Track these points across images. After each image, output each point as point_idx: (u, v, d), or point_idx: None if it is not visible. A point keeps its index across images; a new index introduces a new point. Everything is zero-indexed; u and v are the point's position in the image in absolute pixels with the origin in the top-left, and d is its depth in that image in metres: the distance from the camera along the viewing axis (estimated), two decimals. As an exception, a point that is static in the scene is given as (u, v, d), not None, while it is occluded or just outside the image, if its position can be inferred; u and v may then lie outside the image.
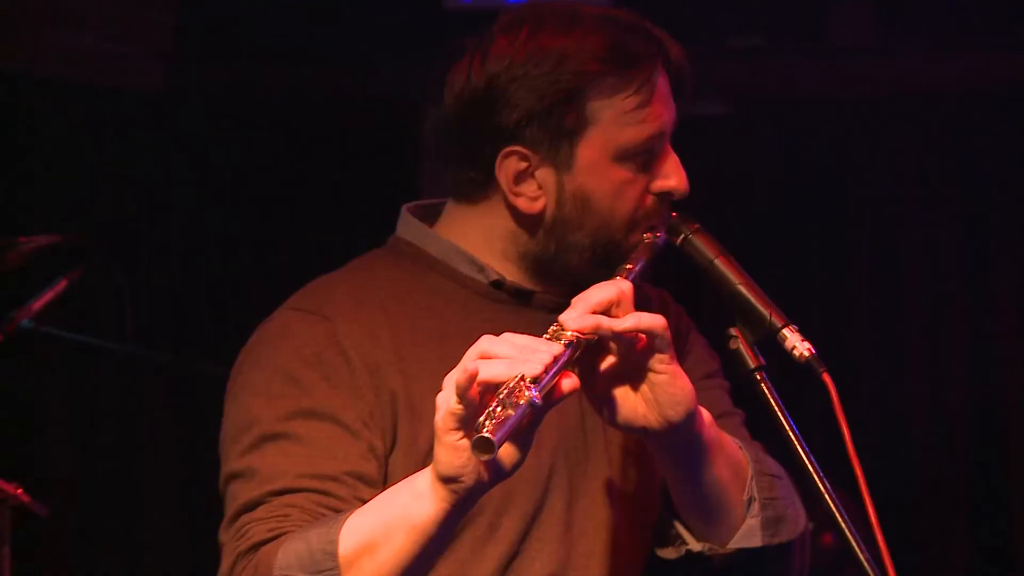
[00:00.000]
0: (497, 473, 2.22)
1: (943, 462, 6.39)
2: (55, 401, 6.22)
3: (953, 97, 6.33)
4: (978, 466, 6.43)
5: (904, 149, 6.43)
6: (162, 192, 6.40)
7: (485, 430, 2.13)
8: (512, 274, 2.61)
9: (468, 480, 2.21)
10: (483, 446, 2.13)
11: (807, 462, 2.41)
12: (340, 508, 2.41)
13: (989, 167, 6.38)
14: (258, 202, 6.37)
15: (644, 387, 2.37)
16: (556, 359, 2.23)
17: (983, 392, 6.39)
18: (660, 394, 2.37)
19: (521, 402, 2.15)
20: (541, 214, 2.56)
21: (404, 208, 2.71)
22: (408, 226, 2.69)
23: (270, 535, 2.39)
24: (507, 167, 2.54)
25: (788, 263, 6.08)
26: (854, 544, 2.36)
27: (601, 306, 2.34)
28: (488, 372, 2.18)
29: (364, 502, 2.40)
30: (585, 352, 2.32)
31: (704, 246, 2.55)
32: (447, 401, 2.18)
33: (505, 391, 2.16)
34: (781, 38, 6.28)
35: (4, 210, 5.61)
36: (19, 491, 4.79)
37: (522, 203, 2.55)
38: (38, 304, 4.93)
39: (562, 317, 2.32)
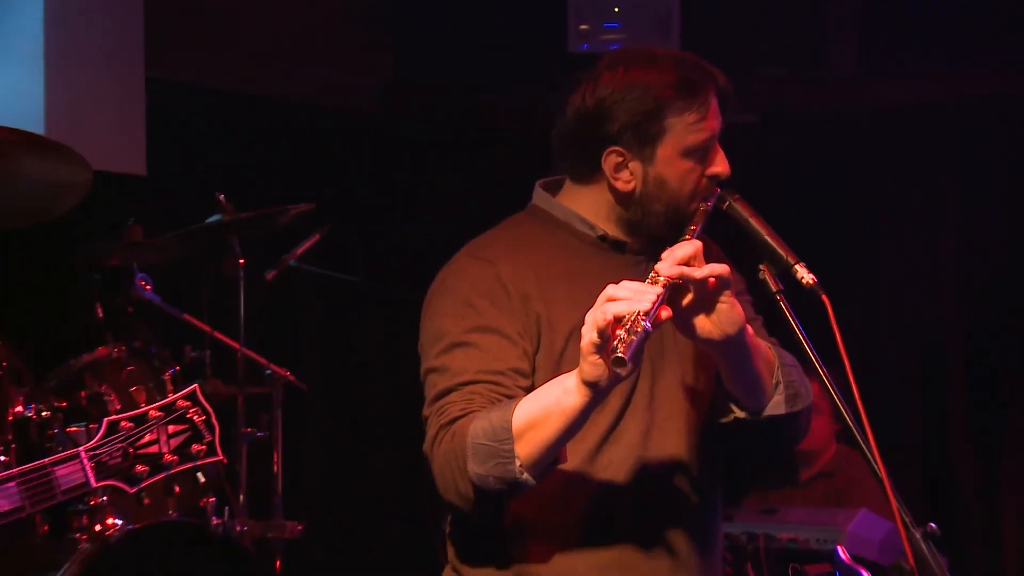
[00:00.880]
0: (619, 377, 2.24)
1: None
2: (312, 315, 6.28)
3: (919, 110, 6.19)
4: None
5: (881, 149, 6.30)
6: (381, 178, 6.44)
7: (619, 352, 2.18)
8: (612, 231, 2.60)
9: (603, 383, 2.26)
10: (620, 363, 2.18)
11: (812, 356, 2.43)
12: (507, 395, 2.43)
13: (951, 163, 6.23)
14: (441, 182, 6.40)
15: (711, 313, 2.37)
16: (659, 297, 2.26)
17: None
18: (722, 317, 2.37)
19: (639, 330, 2.20)
20: (632, 192, 2.55)
21: (537, 183, 2.71)
22: (540, 197, 2.69)
23: (461, 413, 2.42)
24: (609, 161, 2.54)
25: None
26: (846, 413, 2.37)
27: (684, 259, 2.34)
28: (616, 309, 2.22)
29: (523, 389, 2.44)
30: (673, 291, 2.33)
31: (742, 209, 2.53)
32: (589, 333, 2.23)
33: (629, 323, 2.20)
34: (793, 68, 6.23)
35: (277, 188, 5.65)
36: (287, 373, 4.85)
37: (620, 185, 2.55)
38: (300, 250, 4.97)
39: (657, 267, 2.33)
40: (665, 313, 2.28)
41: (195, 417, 2.08)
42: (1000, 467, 6.09)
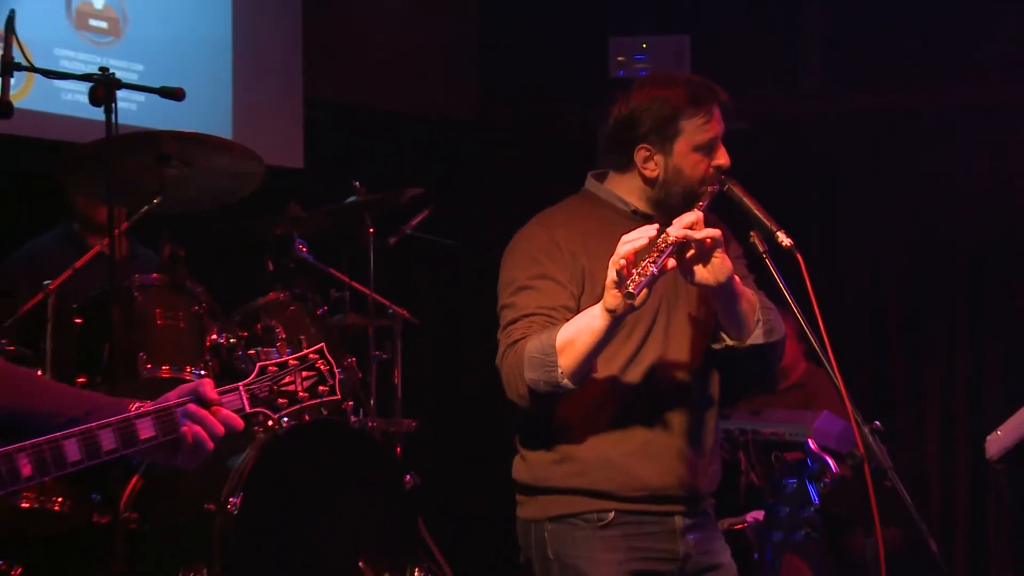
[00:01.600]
0: (633, 307, 2.22)
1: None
2: (423, 269, 6.27)
3: (874, 116, 6.04)
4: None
5: (842, 148, 6.16)
6: (471, 169, 6.42)
7: (630, 288, 2.17)
8: (642, 207, 2.57)
9: (619, 310, 2.24)
10: (629, 296, 2.17)
11: (787, 295, 2.41)
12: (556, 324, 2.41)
13: (897, 159, 6.05)
14: (514, 172, 6.32)
15: (708, 264, 2.34)
16: (667, 243, 2.25)
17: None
18: (715, 267, 2.35)
19: (647, 273, 2.19)
20: (656, 178, 2.52)
21: (589, 174, 2.68)
22: (590, 183, 2.66)
23: (522, 336, 2.42)
24: (640, 155, 2.51)
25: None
26: (812, 338, 2.34)
27: (688, 224, 2.32)
28: (625, 250, 2.23)
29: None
30: (680, 247, 2.31)
31: (738, 190, 2.49)
32: (611, 272, 2.22)
33: (640, 265, 2.20)
34: (773, 86, 6.15)
35: (397, 177, 5.61)
36: (405, 312, 4.84)
37: (647, 173, 2.53)
38: (414, 222, 4.96)
39: (668, 229, 2.31)
40: (671, 263, 2.26)
41: (322, 367, 2.11)
42: (922, 377, 6.02)
